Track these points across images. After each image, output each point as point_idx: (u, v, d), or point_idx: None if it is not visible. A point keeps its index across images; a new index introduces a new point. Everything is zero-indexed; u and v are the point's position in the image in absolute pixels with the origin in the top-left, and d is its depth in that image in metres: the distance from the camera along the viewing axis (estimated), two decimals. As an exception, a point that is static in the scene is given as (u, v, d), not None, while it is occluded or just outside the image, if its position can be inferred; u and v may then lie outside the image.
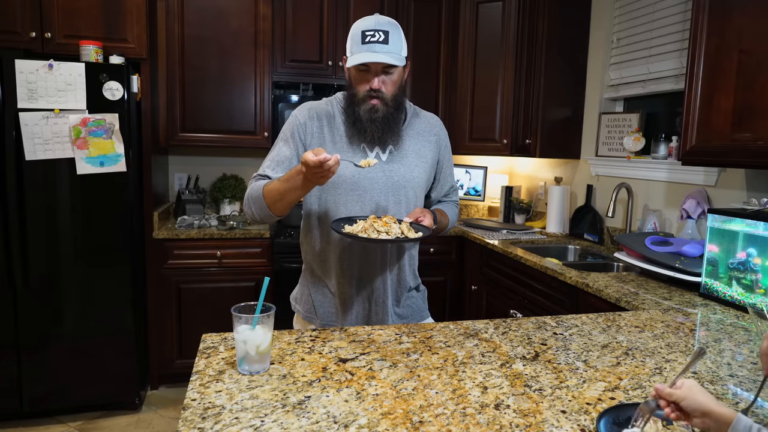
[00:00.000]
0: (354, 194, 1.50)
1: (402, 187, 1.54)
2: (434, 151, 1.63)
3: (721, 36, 1.84)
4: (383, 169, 1.52)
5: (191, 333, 2.99)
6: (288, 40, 3.26)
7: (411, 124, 1.60)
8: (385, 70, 1.44)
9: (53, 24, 2.66)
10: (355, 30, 1.44)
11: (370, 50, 1.40)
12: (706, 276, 1.84)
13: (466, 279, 3.28)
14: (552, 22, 3.06)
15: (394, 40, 1.42)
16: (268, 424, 0.89)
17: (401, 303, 1.63)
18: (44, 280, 2.58)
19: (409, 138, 1.57)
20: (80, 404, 2.72)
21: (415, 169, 1.56)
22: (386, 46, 1.41)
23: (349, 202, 1.50)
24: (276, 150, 1.52)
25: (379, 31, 1.41)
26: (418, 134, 1.60)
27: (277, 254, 3.04)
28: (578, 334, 1.40)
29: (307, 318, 1.64)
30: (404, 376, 1.10)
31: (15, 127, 2.46)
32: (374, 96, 1.44)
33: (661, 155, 2.57)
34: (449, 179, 1.72)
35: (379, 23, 1.42)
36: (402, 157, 1.55)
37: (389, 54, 1.41)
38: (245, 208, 1.47)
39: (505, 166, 3.97)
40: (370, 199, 1.51)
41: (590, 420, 0.94)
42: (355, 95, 1.47)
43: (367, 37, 1.40)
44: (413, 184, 1.56)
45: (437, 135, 1.64)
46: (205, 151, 3.51)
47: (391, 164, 1.53)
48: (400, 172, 1.54)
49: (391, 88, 1.46)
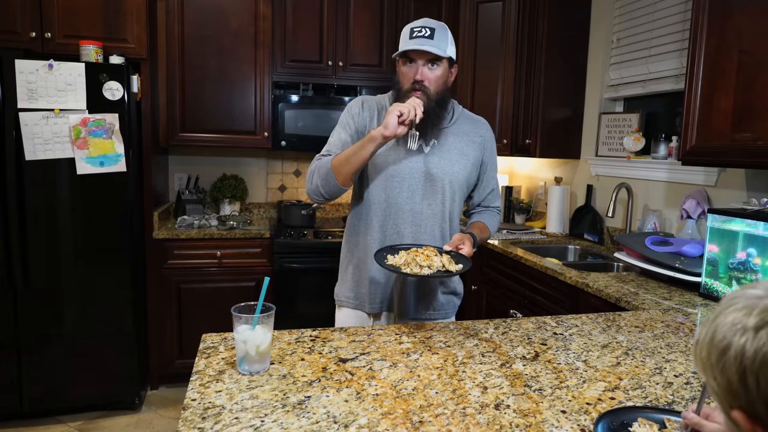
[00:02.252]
0: (394, 180, 1.60)
1: (440, 179, 1.61)
2: (478, 152, 1.69)
3: (721, 36, 1.84)
4: (424, 160, 1.60)
5: (191, 333, 2.98)
6: (288, 40, 3.26)
7: (458, 122, 1.68)
8: (429, 64, 1.53)
9: (53, 24, 2.66)
10: (405, 29, 1.56)
11: (416, 43, 1.50)
12: (706, 276, 1.84)
13: (466, 279, 3.28)
14: (552, 22, 3.06)
15: (439, 36, 1.52)
16: (268, 424, 0.89)
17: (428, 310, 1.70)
18: (44, 280, 2.58)
19: (453, 135, 1.65)
20: (80, 404, 2.72)
21: (456, 164, 1.63)
22: (431, 41, 1.50)
23: (389, 187, 1.60)
24: (335, 135, 1.65)
25: (426, 27, 1.52)
26: (464, 133, 1.67)
27: (277, 254, 3.04)
28: (578, 334, 1.40)
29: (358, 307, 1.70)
30: (404, 376, 1.10)
31: (15, 127, 2.46)
32: (417, 88, 1.52)
33: (661, 155, 2.57)
34: (492, 182, 1.77)
35: (426, 22, 1.54)
36: (444, 151, 1.63)
37: (432, 46, 1.49)
38: (307, 186, 1.60)
39: (505, 166, 3.97)
40: (408, 186, 1.60)
41: (590, 420, 0.94)
42: (400, 88, 1.57)
43: (414, 33, 1.51)
44: (452, 178, 1.62)
45: (483, 137, 1.71)
46: (205, 151, 3.51)
47: (431, 156, 1.61)
48: (440, 164, 1.61)
49: (434, 82, 1.55)
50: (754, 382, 0.54)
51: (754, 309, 0.56)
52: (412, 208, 1.61)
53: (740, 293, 0.59)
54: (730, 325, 0.57)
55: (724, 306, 0.60)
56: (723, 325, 0.58)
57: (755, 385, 0.54)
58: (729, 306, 0.59)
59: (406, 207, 1.61)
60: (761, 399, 0.54)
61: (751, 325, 0.55)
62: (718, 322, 0.59)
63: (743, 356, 0.55)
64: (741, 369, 0.55)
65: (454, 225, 1.70)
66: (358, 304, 1.69)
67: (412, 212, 1.61)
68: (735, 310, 0.58)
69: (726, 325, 0.57)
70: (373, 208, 1.63)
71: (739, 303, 0.58)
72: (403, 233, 1.61)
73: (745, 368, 0.54)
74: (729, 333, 0.56)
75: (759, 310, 0.55)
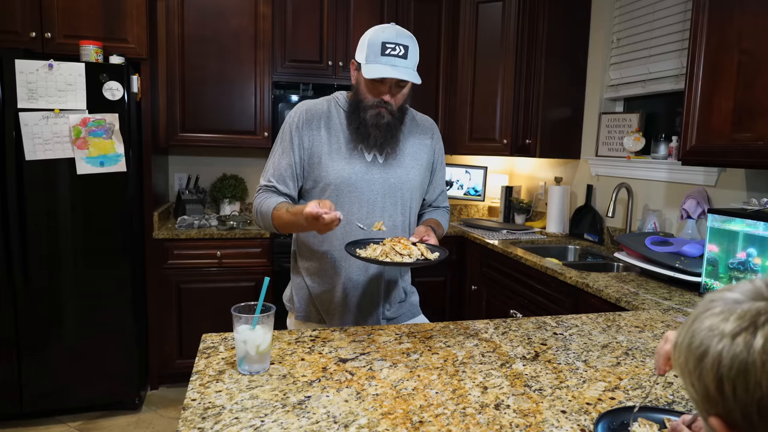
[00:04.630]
0: (352, 195, 1.51)
1: (398, 189, 1.55)
2: (429, 154, 1.65)
3: (721, 36, 1.84)
4: (380, 171, 1.54)
5: (191, 333, 2.98)
6: (288, 40, 3.26)
7: (408, 127, 1.61)
8: (398, 83, 1.46)
9: (53, 24, 2.66)
10: (374, 39, 1.42)
11: (390, 63, 1.40)
12: (706, 276, 1.84)
13: (466, 279, 3.28)
14: (552, 22, 3.06)
15: (412, 55, 1.43)
16: (268, 424, 0.89)
17: (392, 306, 1.64)
18: (44, 280, 2.58)
19: (405, 141, 1.58)
20: (80, 404, 2.72)
21: (411, 171, 1.58)
22: (405, 61, 1.41)
23: (347, 204, 1.51)
24: (276, 158, 1.54)
25: (400, 45, 1.40)
26: (415, 137, 1.62)
27: (277, 254, 3.04)
28: (578, 334, 1.40)
29: (300, 317, 1.65)
30: (404, 376, 1.10)
31: (15, 127, 2.46)
32: (383, 106, 1.46)
33: (661, 155, 2.57)
34: (441, 183, 1.73)
35: (399, 35, 1.41)
36: (399, 159, 1.56)
37: (408, 70, 1.42)
38: (255, 216, 1.54)
39: (505, 166, 3.97)
40: (367, 200, 1.52)
41: (590, 420, 0.94)
42: (361, 101, 1.48)
43: (388, 50, 1.39)
44: (409, 186, 1.57)
45: (432, 138, 1.66)
46: (205, 151, 3.51)
47: (387, 167, 1.54)
48: (397, 174, 1.55)
49: (400, 100, 1.49)
50: (731, 391, 0.53)
51: (731, 314, 0.54)
52: (370, 224, 1.52)
53: (718, 296, 0.58)
54: (707, 330, 0.55)
55: (702, 309, 0.58)
56: (700, 331, 0.56)
57: (732, 394, 0.53)
58: (706, 310, 0.57)
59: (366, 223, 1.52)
60: (739, 407, 0.53)
61: (728, 331, 0.53)
62: (695, 327, 0.57)
63: (720, 363, 0.53)
64: (718, 377, 0.53)
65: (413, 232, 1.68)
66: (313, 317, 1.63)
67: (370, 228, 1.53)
68: (712, 314, 0.56)
69: (703, 331, 0.56)
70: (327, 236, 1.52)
71: (716, 307, 0.56)
72: None
73: (722, 376, 0.53)
74: (706, 339, 0.55)
75: (736, 316, 0.54)
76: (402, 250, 1.35)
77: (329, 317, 1.59)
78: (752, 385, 0.52)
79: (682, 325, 0.61)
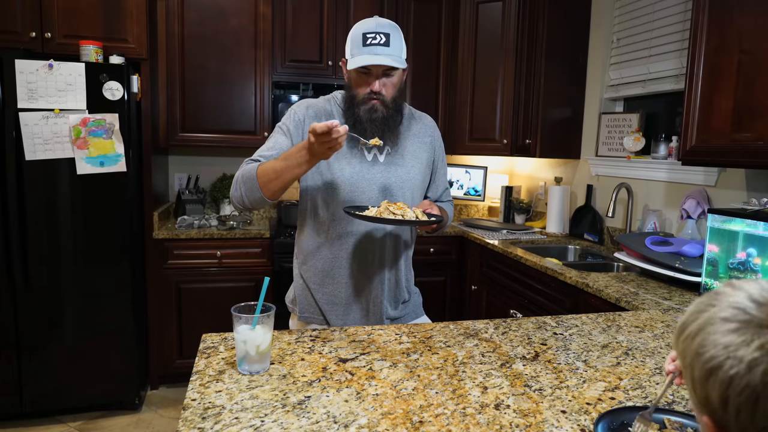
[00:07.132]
0: (352, 195, 1.51)
1: (399, 188, 1.55)
2: (429, 153, 1.64)
3: (721, 36, 1.84)
4: (381, 170, 1.53)
5: (191, 333, 2.98)
6: (288, 40, 3.26)
7: (407, 125, 1.60)
8: (385, 72, 1.44)
9: (53, 24, 2.66)
10: (355, 32, 1.44)
11: (372, 52, 1.40)
12: (706, 276, 1.84)
13: (466, 279, 3.28)
14: (552, 22, 3.06)
15: (395, 42, 1.42)
16: (268, 424, 0.89)
17: (396, 308, 1.64)
18: (44, 280, 2.58)
19: (405, 139, 1.58)
20: (80, 404, 2.72)
21: (411, 170, 1.58)
22: (387, 49, 1.40)
23: (347, 203, 1.50)
24: (273, 140, 1.50)
25: (380, 33, 1.40)
26: (414, 136, 1.61)
27: (277, 254, 3.04)
28: (578, 334, 1.40)
29: (303, 318, 1.64)
30: (404, 376, 1.10)
31: (15, 127, 2.46)
32: (374, 98, 1.45)
33: (661, 155, 2.57)
34: (444, 180, 1.73)
35: (379, 25, 1.42)
36: (399, 158, 1.56)
37: (390, 56, 1.41)
38: (232, 192, 1.43)
39: (505, 166, 3.97)
40: (368, 199, 1.51)
41: (590, 420, 0.94)
42: (354, 97, 1.48)
43: (368, 40, 1.40)
44: (410, 184, 1.57)
45: (432, 136, 1.66)
46: (205, 151, 3.51)
47: (388, 165, 1.54)
48: (398, 173, 1.55)
49: (391, 90, 1.47)
50: (735, 411, 0.52)
51: (753, 340, 0.52)
52: (373, 225, 1.51)
53: (732, 299, 0.56)
54: (722, 347, 0.54)
55: (715, 311, 0.56)
56: (714, 344, 0.55)
57: (735, 414, 0.52)
58: (721, 312, 0.56)
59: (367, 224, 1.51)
60: (737, 426, 0.53)
61: (747, 360, 0.52)
62: (708, 333, 0.56)
63: (730, 385, 0.52)
64: (724, 396, 0.53)
65: (415, 232, 1.67)
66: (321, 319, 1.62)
67: (373, 228, 1.53)
68: (729, 331, 0.54)
69: (718, 346, 0.54)
70: (330, 234, 1.52)
71: (731, 317, 0.55)
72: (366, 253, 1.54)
73: (728, 397, 0.52)
74: (720, 356, 0.54)
75: (758, 345, 0.52)
76: (396, 211, 1.36)
77: (332, 319, 1.59)
78: (759, 415, 0.51)
79: (690, 312, 0.60)
